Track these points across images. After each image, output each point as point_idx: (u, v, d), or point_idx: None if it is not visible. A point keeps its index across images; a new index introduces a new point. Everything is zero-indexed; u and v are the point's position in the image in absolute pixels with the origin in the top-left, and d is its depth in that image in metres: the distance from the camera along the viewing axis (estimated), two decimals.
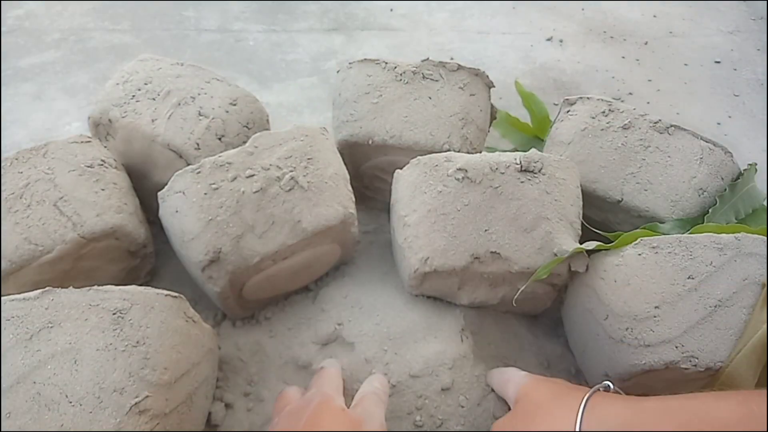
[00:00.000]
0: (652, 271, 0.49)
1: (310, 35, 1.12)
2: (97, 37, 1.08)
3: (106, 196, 0.56)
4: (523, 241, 0.53)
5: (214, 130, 0.62)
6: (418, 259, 0.54)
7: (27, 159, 0.56)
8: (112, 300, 0.45)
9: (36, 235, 0.52)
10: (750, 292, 0.47)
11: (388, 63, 0.67)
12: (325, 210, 0.56)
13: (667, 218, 0.58)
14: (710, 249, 0.49)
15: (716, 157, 0.61)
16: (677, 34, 1.18)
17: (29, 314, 0.43)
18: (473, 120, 0.66)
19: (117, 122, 0.63)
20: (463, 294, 0.57)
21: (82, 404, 0.40)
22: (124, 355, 0.42)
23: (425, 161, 0.57)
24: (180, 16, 1.15)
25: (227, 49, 1.08)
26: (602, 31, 1.18)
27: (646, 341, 0.47)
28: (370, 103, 0.65)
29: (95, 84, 0.97)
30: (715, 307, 0.47)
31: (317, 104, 0.96)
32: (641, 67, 1.08)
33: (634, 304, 0.49)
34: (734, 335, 0.46)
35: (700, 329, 0.46)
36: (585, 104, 0.66)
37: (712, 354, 0.46)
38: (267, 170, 0.55)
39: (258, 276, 0.56)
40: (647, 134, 0.62)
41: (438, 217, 0.54)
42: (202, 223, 0.52)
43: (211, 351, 0.51)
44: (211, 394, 0.52)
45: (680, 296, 0.48)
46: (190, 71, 0.67)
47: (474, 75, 0.67)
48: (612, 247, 0.54)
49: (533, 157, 0.56)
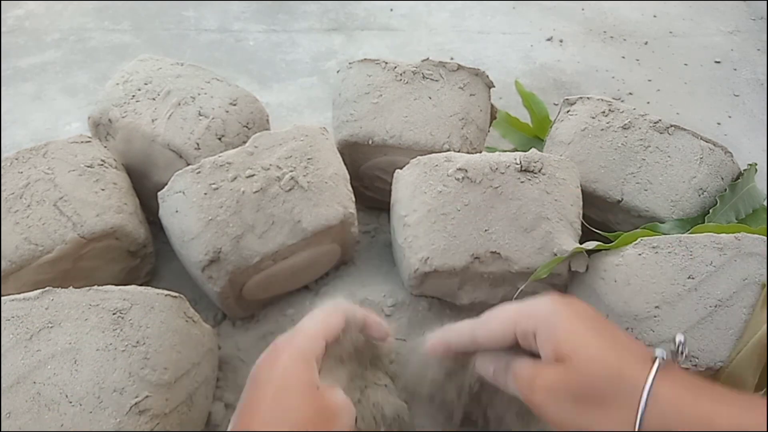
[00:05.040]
0: (652, 271, 0.49)
1: (310, 35, 1.12)
2: (97, 37, 1.08)
3: (106, 196, 0.56)
4: (523, 241, 0.53)
5: (214, 130, 0.62)
6: (418, 259, 0.54)
7: (27, 159, 0.56)
8: (112, 300, 0.45)
9: (36, 235, 0.52)
10: (750, 292, 0.47)
11: (388, 63, 0.66)
12: (325, 210, 0.56)
13: (667, 218, 0.58)
14: (710, 249, 0.49)
15: (716, 157, 0.61)
16: (677, 34, 1.18)
17: (29, 314, 0.43)
18: (473, 120, 0.66)
19: (117, 122, 0.63)
20: (463, 294, 0.57)
21: (82, 404, 0.40)
22: (124, 355, 0.42)
23: (425, 161, 0.57)
24: (180, 16, 1.15)
25: (227, 49, 1.08)
26: (602, 31, 1.18)
27: (647, 341, 0.47)
28: (370, 103, 0.65)
29: (95, 84, 0.97)
30: (715, 307, 0.47)
31: (317, 104, 0.96)
32: (641, 67, 1.08)
33: (634, 304, 0.49)
34: (734, 335, 0.46)
35: (700, 329, 0.47)
36: (585, 104, 0.66)
37: (712, 354, 0.46)
38: (267, 170, 0.55)
39: (258, 276, 0.56)
40: (647, 134, 0.62)
41: (438, 217, 0.54)
42: (202, 223, 0.52)
43: (211, 351, 0.51)
44: (211, 394, 0.52)
45: (680, 296, 0.48)
46: (190, 71, 0.67)
47: (474, 75, 0.67)
48: (612, 247, 0.54)
49: (533, 157, 0.56)
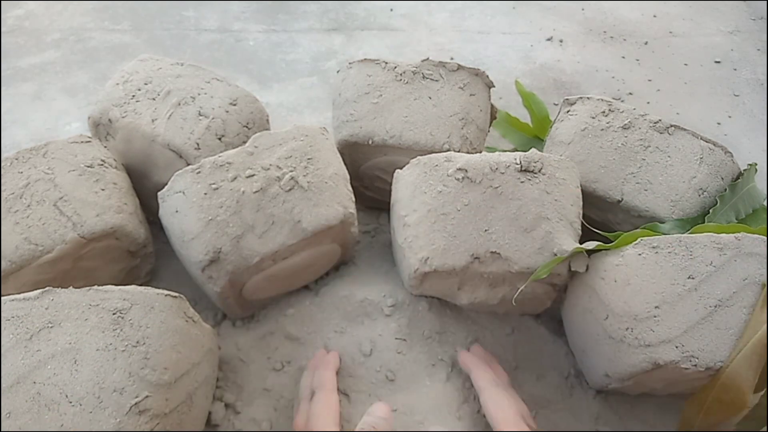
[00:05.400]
0: (652, 271, 0.49)
1: (310, 35, 1.12)
2: (97, 37, 1.08)
3: (106, 196, 0.56)
4: (523, 241, 0.53)
5: (214, 130, 0.62)
6: (418, 259, 0.54)
7: (27, 159, 0.56)
8: (112, 300, 0.45)
9: (36, 235, 0.52)
10: (750, 292, 0.47)
11: (388, 63, 0.67)
12: (325, 210, 0.56)
13: (667, 218, 0.58)
14: (710, 249, 0.49)
15: (716, 157, 0.61)
16: (677, 34, 1.18)
17: (29, 314, 0.43)
18: (473, 120, 0.66)
19: (117, 122, 0.63)
20: (463, 294, 0.57)
21: (82, 404, 0.40)
22: (124, 355, 0.42)
23: (425, 161, 0.57)
24: (180, 16, 1.15)
25: (227, 49, 1.08)
26: (602, 31, 1.18)
27: (646, 341, 0.47)
28: (370, 103, 0.65)
29: (95, 84, 0.97)
30: (715, 307, 0.47)
31: (317, 104, 0.96)
32: (641, 67, 1.08)
33: (634, 304, 0.49)
34: (734, 335, 0.46)
35: (700, 329, 0.47)
36: (585, 104, 0.66)
37: (712, 354, 0.46)
38: (267, 170, 0.55)
39: (258, 276, 0.56)
40: (647, 134, 0.62)
41: (438, 217, 0.54)
42: (202, 223, 0.52)
43: (211, 351, 0.51)
44: (211, 394, 0.52)
45: (680, 296, 0.48)
46: (190, 71, 0.67)
47: (474, 75, 0.67)
48: (612, 247, 0.54)
49: (533, 157, 0.56)
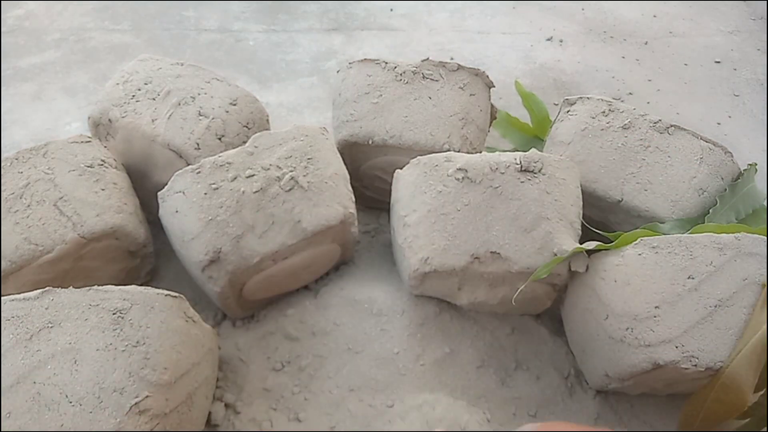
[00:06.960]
0: (652, 271, 0.49)
1: (310, 35, 1.12)
2: (97, 37, 1.08)
3: (106, 196, 0.57)
4: (523, 241, 0.53)
5: (214, 130, 0.62)
6: (418, 259, 0.54)
7: (27, 159, 0.56)
8: (112, 300, 0.45)
9: (36, 235, 0.52)
10: (750, 292, 0.47)
11: (388, 63, 0.67)
12: (325, 210, 0.56)
13: (667, 218, 0.59)
14: (710, 249, 0.49)
15: (716, 157, 0.61)
16: (677, 34, 1.18)
17: (29, 314, 0.43)
18: (473, 120, 0.66)
19: (117, 122, 0.63)
20: (463, 294, 0.57)
21: (82, 404, 0.40)
22: (124, 355, 0.42)
23: (425, 161, 0.57)
24: (180, 16, 1.15)
25: (227, 49, 1.08)
26: (602, 31, 1.18)
27: (646, 341, 0.47)
28: (370, 103, 0.65)
29: (95, 84, 0.97)
30: (715, 307, 0.47)
31: (317, 104, 0.96)
32: (641, 67, 1.08)
33: (634, 304, 0.49)
34: (734, 335, 0.46)
35: (700, 329, 0.47)
36: (585, 104, 0.66)
37: (712, 354, 0.46)
38: (267, 170, 0.55)
39: (258, 276, 0.56)
40: (647, 134, 0.62)
41: (438, 217, 0.54)
42: (202, 223, 0.52)
43: (211, 351, 0.51)
44: (211, 394, 0.52)
45: (680, 296, 0.48)
46: (190, 71, 0.67)
47: (474, 75, 0.67)
48: (612, 247, 0.54)
49: (533, 157, 0.56)
